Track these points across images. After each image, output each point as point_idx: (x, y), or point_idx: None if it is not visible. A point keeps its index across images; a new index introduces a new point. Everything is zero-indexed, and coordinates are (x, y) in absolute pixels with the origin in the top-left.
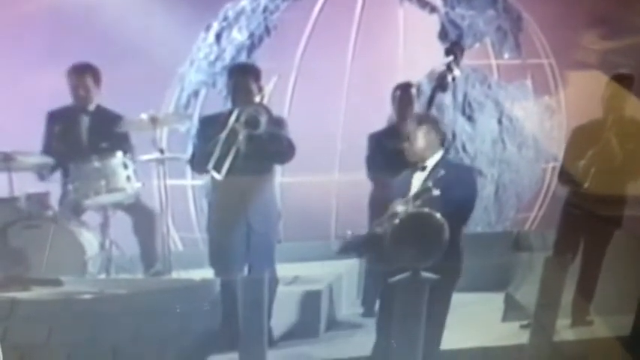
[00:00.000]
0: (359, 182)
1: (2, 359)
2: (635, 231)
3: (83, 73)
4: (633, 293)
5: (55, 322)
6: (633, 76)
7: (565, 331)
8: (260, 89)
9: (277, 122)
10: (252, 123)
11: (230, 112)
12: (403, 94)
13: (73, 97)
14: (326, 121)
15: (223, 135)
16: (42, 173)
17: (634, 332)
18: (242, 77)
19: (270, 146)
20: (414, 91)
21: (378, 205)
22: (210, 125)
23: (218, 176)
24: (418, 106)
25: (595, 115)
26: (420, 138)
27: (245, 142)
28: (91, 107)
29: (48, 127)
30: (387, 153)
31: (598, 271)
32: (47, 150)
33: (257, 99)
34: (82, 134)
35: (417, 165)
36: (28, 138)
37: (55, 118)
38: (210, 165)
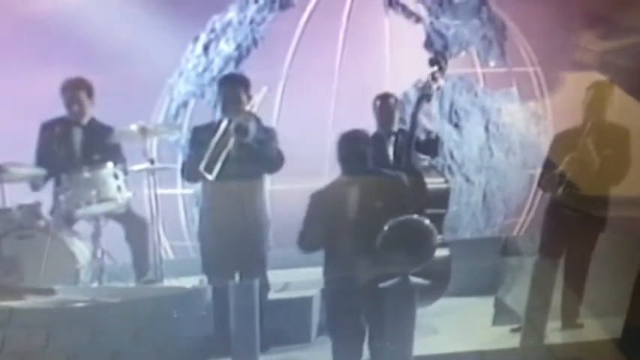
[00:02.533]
0: None
1: None
2: (625, 233)
3: (77, 89)
4: (623, 295)
5: (51, 331)
6: (612, 83)
7: (556, 334)
8: (249, 99)
9: (266, 131)
10: (241, 131)
11: (220, 122)
12: (382, 104)
13: (67, 111)
14: (314, 130)
15: (214, 140)
16: (35, 183)
17: (625, 334)
18: (232, 87)
19: (259, 154)
20: (392, 101)
21: None
22: (201, 134)
23: (210, 177)
24: (400, 115)
25: (580, 120)
26: None
27: (235, 150)
28: (85, 121)
29: (41, 138)
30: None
31: (585, 273)
32: (40, 160)
33: (247, 108)
34: (75, 146)
35: None
36: (21, 149)
37: (48, 129)
38: (202, 166)
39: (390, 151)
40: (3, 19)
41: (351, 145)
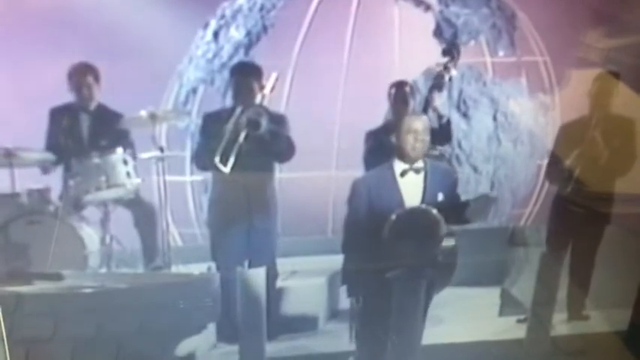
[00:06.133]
0: None
1: (8, 355)
2: (631, 226)
3: (84, 74)
4: (630, 288)
5: (59, 317)
6: (618, 73)
7: (562, 325)
8: (261, 87)
9: (278, 120)
10: (252, 125)
11: (232, 110)
12: (398, 92)
13: (74, 97)
14: (323, 118)
15: (227, 132)
16: (46, 167)
17: (631, 327)
18: (244, 76)
19: (270, 145)
20: (408, 89)
21: None
22: (212, 122)
23: (225, 169)
24: (414, 104)
25: (587, 112)
26: None
27: (246, 142)
28: (92, 106)
29: (50, 124)
30: (384, 150)
31: (591, 265)
32: (50, 146)
33: (259, 97)
34: (83, 132)
35: None
36: (30, 134)
37: (57, 115)
38: (217, 159)
39: None
40: (16, 8)
41: None
